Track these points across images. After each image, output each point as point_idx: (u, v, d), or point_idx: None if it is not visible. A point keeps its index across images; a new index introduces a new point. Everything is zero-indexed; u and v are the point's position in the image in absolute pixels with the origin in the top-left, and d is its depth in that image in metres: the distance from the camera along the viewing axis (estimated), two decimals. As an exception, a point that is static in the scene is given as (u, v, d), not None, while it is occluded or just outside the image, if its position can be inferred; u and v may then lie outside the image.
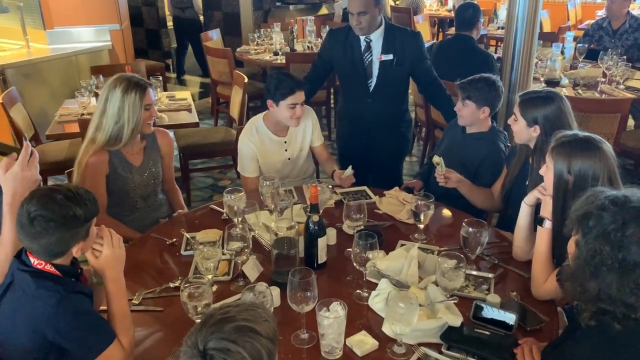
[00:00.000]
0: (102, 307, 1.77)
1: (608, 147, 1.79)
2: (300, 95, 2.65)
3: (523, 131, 2.25)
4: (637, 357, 1.30)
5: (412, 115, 4.91)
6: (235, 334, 1.09)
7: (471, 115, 2.63)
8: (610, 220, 1.28)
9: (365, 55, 3.02)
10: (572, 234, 1.39)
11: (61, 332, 1.45)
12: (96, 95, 3.95)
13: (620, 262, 1.26)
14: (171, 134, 4.16)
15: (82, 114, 3.71)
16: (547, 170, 1.86)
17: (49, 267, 1.51)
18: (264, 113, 2.86)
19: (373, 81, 3.06)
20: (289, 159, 2.88)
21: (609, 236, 1.27)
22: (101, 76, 4.06)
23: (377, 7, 2.92)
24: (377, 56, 3.01)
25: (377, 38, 3.00)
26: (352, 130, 3.26)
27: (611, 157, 1.77)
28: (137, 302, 1.85)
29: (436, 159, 2.45)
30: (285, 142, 2.85)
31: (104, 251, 1.60)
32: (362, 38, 3.01)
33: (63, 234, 1.47)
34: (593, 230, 1.30)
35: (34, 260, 1.50)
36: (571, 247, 1.40)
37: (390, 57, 3.00)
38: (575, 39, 5.18)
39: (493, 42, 7.57)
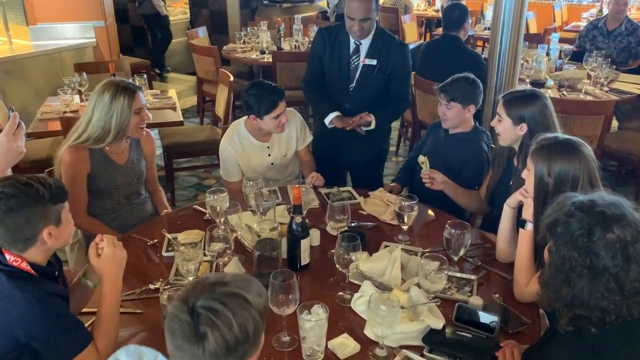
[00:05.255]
0: (84, 309, 1.75)
1: (588, 149, 1.79)
2: (283, 105, 2.60)
3: (509, 131, 2.23)
4: (616, 360, 1.31)
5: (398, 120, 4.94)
6: (227, 297, 1.09)
7: (458, 116, 2.61)
8: (577, 227, 1.28)
9: (353, 58, 2.91)
10: (547, 241, 1.40)
11: (33, 334, 1.43)
12: (79, 92, 3.90)
13: (589, 267, 1.26)
14: (155, 132, 4.17)
15: (65, 112, 3.67)
16: (528, 173, 1.86)
17: (24, 265, 1.48)
18: (245, 117, 2.76)
19: (353, 84, 2.95)
20: (272, 164, 2.81)
21: (576, 242, 1.27)
22: (85, 73, 3.99)
23: (377, 10, 2.83)
24: (362, 59, 2.91)
25: (366, 42, 2.88)
26: (327, 131, 3.06)
27: (591, 160, 1.77)
28: (116, 304, 1.82)
29: (421, 158, 2.44)
30: (268, 147, 2.79)
31: (105, 249, 1.59)
32: (352, 40, 2.89)
33: (28, 212, 1.44)
34: (562, 238, 1.31)
35: (9, 257, 1.47)
36: (546, 254, 1.40)
37: (374, 62, 2.89)
38: (561, 40, 5.21)
39: (480, 43, 7.58)
